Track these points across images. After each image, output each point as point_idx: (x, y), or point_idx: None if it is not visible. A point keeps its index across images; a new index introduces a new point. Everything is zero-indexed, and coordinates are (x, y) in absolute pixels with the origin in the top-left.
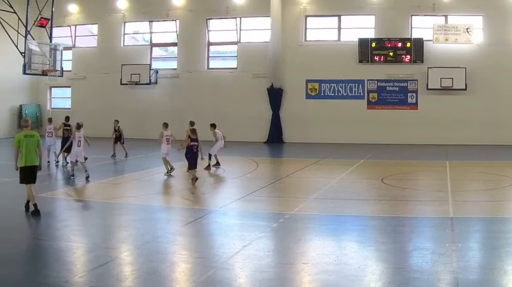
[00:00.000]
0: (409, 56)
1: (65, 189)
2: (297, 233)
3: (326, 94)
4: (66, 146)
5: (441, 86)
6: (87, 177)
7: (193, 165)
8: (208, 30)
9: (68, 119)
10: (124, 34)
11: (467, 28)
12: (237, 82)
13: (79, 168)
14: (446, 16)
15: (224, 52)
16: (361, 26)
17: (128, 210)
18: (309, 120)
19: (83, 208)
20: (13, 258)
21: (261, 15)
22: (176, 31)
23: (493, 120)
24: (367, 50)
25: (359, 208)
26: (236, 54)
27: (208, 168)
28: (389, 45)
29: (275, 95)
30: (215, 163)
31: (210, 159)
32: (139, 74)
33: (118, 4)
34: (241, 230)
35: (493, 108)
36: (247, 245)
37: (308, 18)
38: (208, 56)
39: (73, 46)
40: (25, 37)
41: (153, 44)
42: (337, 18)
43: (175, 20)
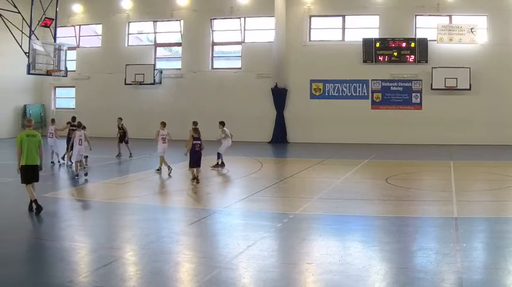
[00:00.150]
0: (413, 56)
1: (69, 189)
2: (301, 233)
3: (330, 94)
4: (69, 146)
5: (445, 86)
6: (85, 173)
7: (194, 163)
8: (212, 30)
9: (74, 120)
10: (128, 34)
11: (472, 28)
12: (241, 82)
13: (85, 167)
14: (450, 16)
15: (228, 52)
16: (365, 26)
17: (132, 210)
18: (313, 120)
19: (87, 208)
20: (17, 258)
21: (265, 15)
22: (180, 31)
23: (497, 120)
24: (371, 50)
25: (363, 208)
26: (240, 54)
27: (216, 166)
28: (393, 45)
29: (279, 95)
30: (220, 163)
31: (219, 157)
32: (143, 74)
33: (122, 4)
34: (245, 230)
35: (498, 108)
36: (251, 245)
37: (312, 18)
38: (212, 56)
39: (77, 46)
40: (29, 37)
41: (157, 44)
42: (341, 18)
43: (179, 20)
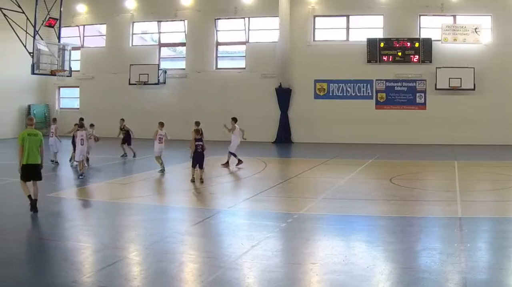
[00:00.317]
0: (417, 56)
1: (73, 189)
2: (305, 233)
3: (334, 94)
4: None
5: (449, 86)
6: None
7: (196, 163)
8: (216, 30)
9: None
10: (132, 34)
11: (476, 28)
12: (245, 82)
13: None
14: (454, 16)
15: (232, 52)
16: (369, 26)
17: (136, 210)
18: (318, 120)
19: (91, 208)
20: (21, 258)
21: (270, 15)
22: (184, 31)
23: (501, 120)
24: (376, 50)
25: (368, 208)
26: (244, 54)
27: (226, 164)
28: (397, 45)
29: (284, 95)
30: (225, 162)
31: (235, 156)
32: (148, 74)
33: (126, 4)
34: (250, 230)
35: (502, 108)
36: (255, 245)
37: (316, 18)
38: (216, 56)
39: (82, 46)
40: (34, 37)
41: (161, 44)
42: (345, 18)
43: (184, 20)
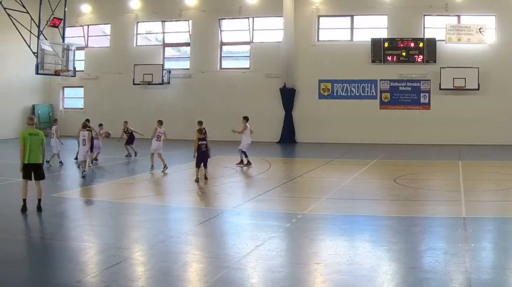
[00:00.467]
0: (421, 56)
1: (77, 189)
2: (309, 233)
3: (338, 94)
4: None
5: (453, 86)
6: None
7: (200, 162)
8: (220, 30)
9: (88, 122)
10: (136, 34)
11: (480, 28)
12: (249, 82)
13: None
14: (458, 16)
15: (236, 52)
16: (373, 26)
17: (140, 210)
18: (322, 120)
19: (95, 208)
20: (25, 258)
21: (274, 15)
22: (188, 31)
23: (506, 120)
24: (380, 50)
25: (372, 208)
26: (248, 54)
27: (241, 163)
28: (401, 45)
29: (288, 95)
30: (240, 161)
31: (245, 155)
32: (152, 74)
33: (130, 4)
34: (254, 230)
35: (506, 108)
36: (259, 245)
37: (320, 18)
38: (220, 56)
39: (86, 46)
40: (38, 37)
41: (165, 44)
42: (349, 18)
43: (188, 20)
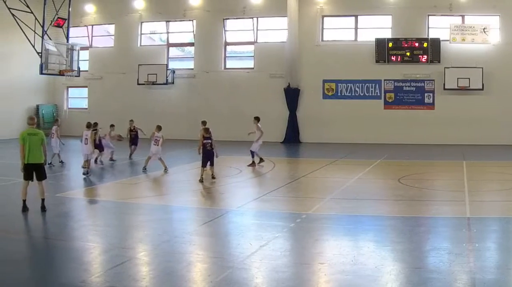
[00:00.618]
0: (426, 56)
1: (81, 189)
2: (314, 233)
3: (343, 94)
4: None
5: (458, 86)
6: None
7: (206, 162)
8: (225, 30)
9: (96, 125)
10: (141, 34)
11: (484, 28)
12: (253, 83)
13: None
14: (463, 16)
15: (241, 52)
16: (378, 26)
17: (144, 210)
18: (326, 120)
19: (99, 208)
20: (29, 258)
21: (278, 15)
22: (193, 31)
23: (510, 120)
24: (384, 50)
25: (376, 208)
26: (253, 54)
27: (252, 164)
28: (406, 45)
29: (292, 95)
30: (259, 160)
31: (253, 156)
32: (156, 74)
33: (135, 4)
34: (258, 230)
35: (510, 108)
36: (264, 245)
37: (325, 18)
38: (225, 56)
39: (90, 46)
40: (42, 37)
41: (170, 44)
42: (354, 18)
43: (192, 20)
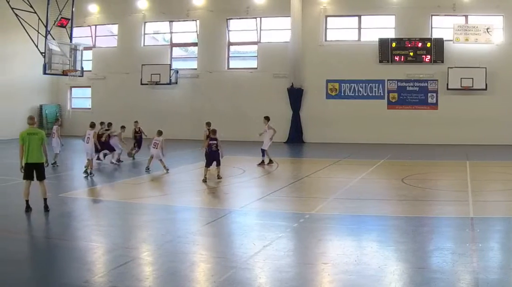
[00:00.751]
0: (429, 56)
1: (84, 188)
2: (317, 233)
3: (346, 94)
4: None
5: (461, 86)
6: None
7: (211, 162)
8: (228, 30)
9: (110, 125)
10: (144, 34)
11: (487, 28)
12: (257, 83)
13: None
14: (466, 16)
15: (244, 52)
16: (381, 26)
17: (148, 210)
18: (329, 120)
19: (103, 207)
20: (33, 258)
21: (282, 15)
22: (196, 31)
23: None
24: (387, 50)
25: (380, 208)
26: (256, 54)
27: (262, 163)
28: (409, 45)
29: (295, 95)
30: (268, 161)
31: (263, 155)
32: (159, 74)
33: (138, 4)
34: (262, 230)
35: None
36: (267, 245)
37: (328, 18)
38: (228, 56)
39: (93, 46)
40: (45, 37)
41: (173, 44)
42: (357, 18)
43: (195, 20)
